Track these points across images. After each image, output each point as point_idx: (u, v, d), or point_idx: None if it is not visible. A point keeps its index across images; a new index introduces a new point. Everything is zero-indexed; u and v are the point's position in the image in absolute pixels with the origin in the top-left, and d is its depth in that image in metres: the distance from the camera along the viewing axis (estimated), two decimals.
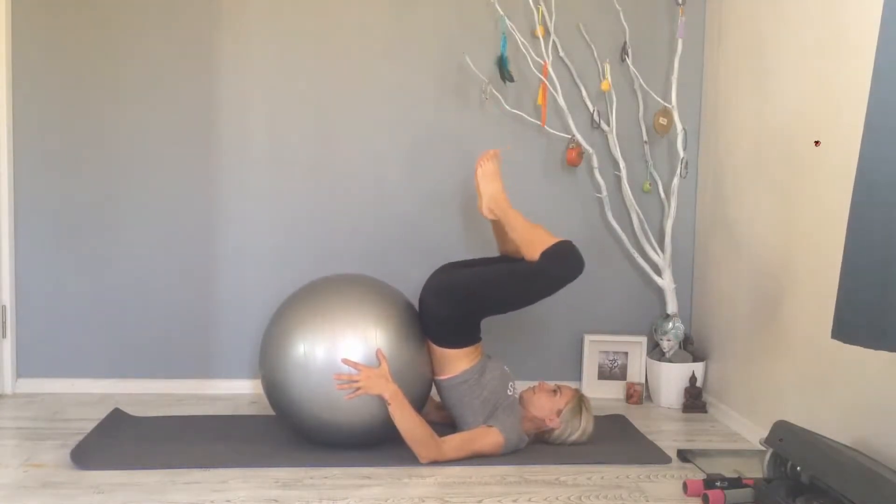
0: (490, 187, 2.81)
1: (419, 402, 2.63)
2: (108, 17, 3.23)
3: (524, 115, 3.30)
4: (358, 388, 2.43)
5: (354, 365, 2.44)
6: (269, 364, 2.55)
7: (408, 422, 2.45)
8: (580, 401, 2.70)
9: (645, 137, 3.38)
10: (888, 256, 1.79)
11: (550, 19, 3.26)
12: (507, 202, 2.80)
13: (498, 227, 2.90)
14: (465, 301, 2.61)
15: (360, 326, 2.50)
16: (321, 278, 2.73)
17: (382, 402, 2.45)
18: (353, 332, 2.48)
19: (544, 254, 2.58)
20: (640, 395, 3.34)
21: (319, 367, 2.45)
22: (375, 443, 2.56)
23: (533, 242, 2.63)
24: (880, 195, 1.80)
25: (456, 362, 2.62)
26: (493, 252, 3.31)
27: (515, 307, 2.74)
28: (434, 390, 2.73)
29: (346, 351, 2.46)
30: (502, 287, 2.64)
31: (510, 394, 2.66)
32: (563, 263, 2.59)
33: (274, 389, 2.54)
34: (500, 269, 2.70)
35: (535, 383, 2.77)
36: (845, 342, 1.89)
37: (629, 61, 3.31)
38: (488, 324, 3.31)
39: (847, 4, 2.35)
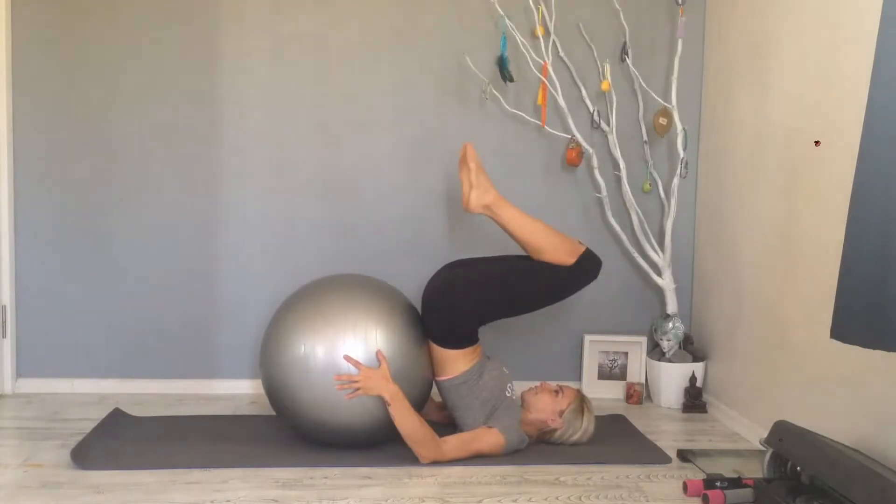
0: (484, 180, 2.76)
1: (419, 403, 2.64)
2: (109, 16, 3.23)
3: (524, 115, 3.30)
4: (357, 389, 2.43)
5: (356, 364, 2.44)
6: (269, 364, 2.55)
7: (408, 422, 2.45)
8: (582, 401, 2.71)
9: (645, 137, 3.38)
10: (885, 256, 1.79)
11: (550, 19, 3.26)
12: (500, 196, 2.77)
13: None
14: (493, 294, 2.62)
15: (360, 327, 2.50)
16: (321, 278, 2.73)
17: (382, 403, 2.45)
18: (354, 333, 2.48)
19: (583, 258, 2.65)
20: (640, 395, 3.34)
21: (320, 367, 2.45)
22: (376, 443, 2.56)
23: (557, 246, 2.65)
24: (878, 195, 1.80)
25: (455, 363, 2.62)
26: (493, 251, 3.33)
27: (537, 307, 2.75)
28: (435, 390, 2.73)
29: (346, 352, 2.46)
30: (534, 284, 2.66)
31: (509, 394, 2.66)
32: (594, 271, 2.69)
33: (274, 390, 2.54)
34: (533, 266, 2.68)
35: (536, 384, 2.77)
36: (843, 342, 1.89)
37: (629, 61, 3.31)
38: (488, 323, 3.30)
39: (847, 4, 2.35)
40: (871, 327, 1.81)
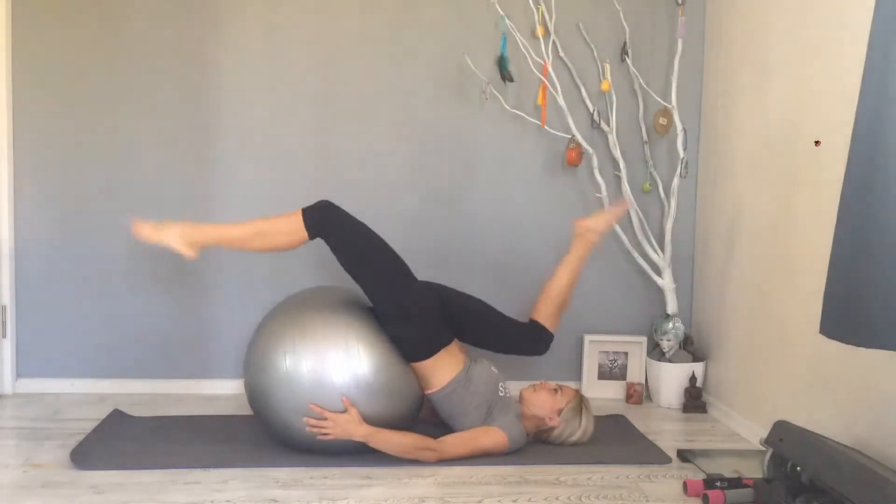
0: None
1: (414, 411, 2.62)
2: (108, 15, 3.23)
3: (524, 115, 3.30)
4: (327, 434, 2.41)
5: (321, 413, 2.40)
6: (252, 378, 2.54)
7: (394, 445, 2.43)
8: (581, 401, 2.70)
9: (645, 137, 3.38)
10: (866, 254, 1.80)
11: (550, 19, 3.26)
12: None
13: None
14: (396, 317, 2.57)
15: (342, 343, 2.46)
16: (303, 291, 2.71)
17: (369, 416, 2.44)
18: (337, 348, 2.45)
19: (307, 217, 2.57)
20: (640, 395, 3.34)
21: (304, 385, 2.42)
22: (363, 451, 2.51)
23: (278, 230, 2.59)
24: (866, 193, 1.81)
25: (438, 374, 2.60)
26: (493, 249, 3.33)
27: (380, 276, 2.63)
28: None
29: (330, 369, 2.43)
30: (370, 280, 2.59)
31: (502, 394, 2.65)
32: (324, 217, 2.58)
33: (258, 403, 2.53)
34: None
35: (536, 382, 2.77)
36: (829, 338, 1.89)
37: (629, 61, 3.31)
38: None
39: (847, 4, 2.35)
40: (852, 323, 1.82)
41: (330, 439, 2.41)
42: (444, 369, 2.60)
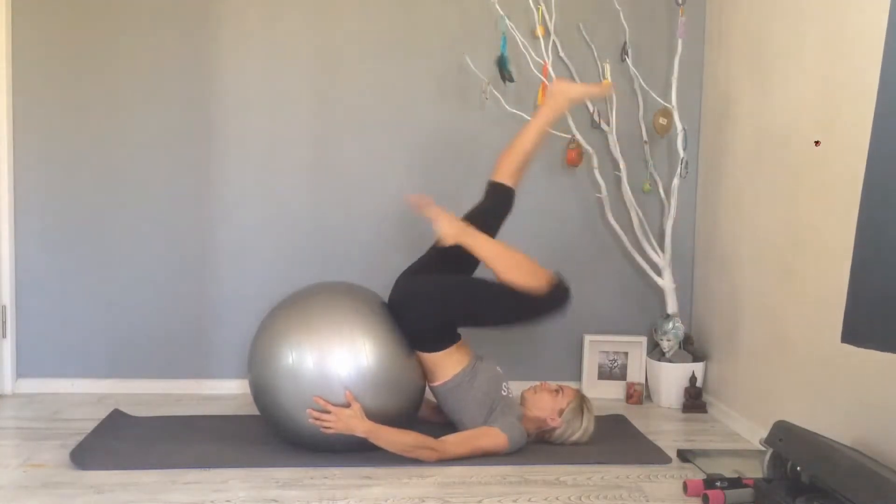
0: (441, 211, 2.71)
1: (414, 408, 2.62)
2: (108, 16, 3.23)
3: (524, 115, 3.30)
4: (329, 428, 2.41)
5: (325, 406, 2.40)
6: (256, 373, 2.54)
7: (396, 443, 2.44)
8: (582, 401, 2.71)
9: (645, 137, 3.38)
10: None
11: (550, 19, 3.26)
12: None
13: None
14: (449, 310, 2.61)
15: (347, 337, 2.46)
16: (308, 287, 2.71)
17: (372, 410, 2.44)
18: (341, 343, 2.45)
19: (554, 289, 2.57)
20: (640, 395, 3.34)
21: (308, 379, 2.42)
22: (367, 448, 2.52)
23: (525, 267, 2.59)
24: (889, 195, 1.77)
25: (445, 368, 2.61)
26: None
27: (499, 327, 2.79)
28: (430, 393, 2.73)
29: (335, 364, 2.43)
30: (499, 307, 2.62)
31: (505, 393, 2.66)
32: (564, 300, 2.61)
33: (262, 398, 2.53)
34: (496, 289, 2.60)
35: (537, 383, 2.77)
36: (857, 346, 1.85)
37: (629, 61, 3.32)
38: None
39: (848, 4, 2.35)
40: (882, 329, 1.79)
41: (331, 433, 2.42)
42: (451, 363, 2.61)
